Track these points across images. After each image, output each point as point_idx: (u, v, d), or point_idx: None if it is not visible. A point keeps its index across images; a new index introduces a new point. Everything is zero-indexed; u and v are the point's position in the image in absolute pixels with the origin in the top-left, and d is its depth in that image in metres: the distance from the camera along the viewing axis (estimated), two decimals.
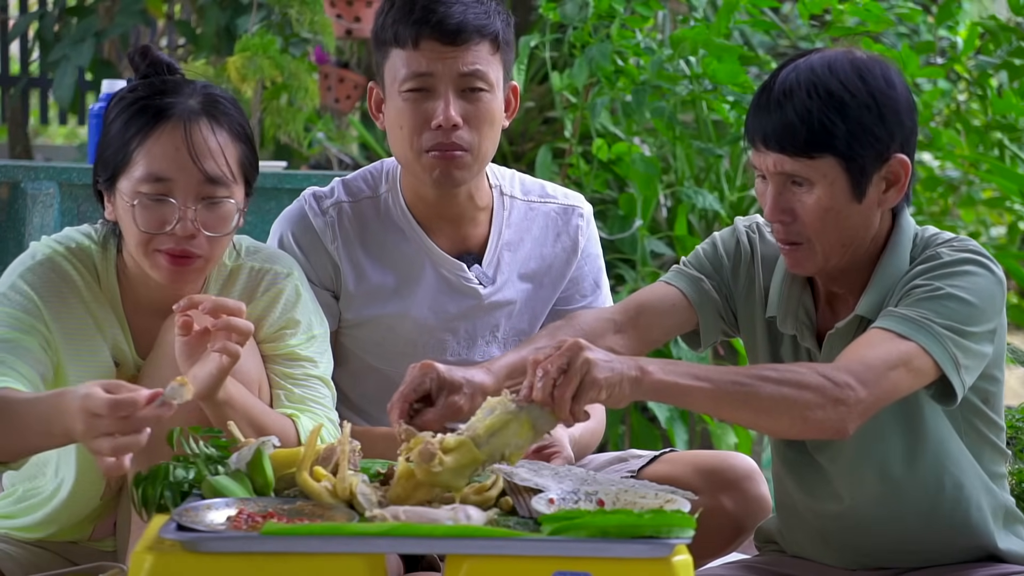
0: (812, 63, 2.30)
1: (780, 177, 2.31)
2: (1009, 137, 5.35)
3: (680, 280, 2.52)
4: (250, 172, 2.47)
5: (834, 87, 2.27)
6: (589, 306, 2.87)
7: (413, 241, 2.76)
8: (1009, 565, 2.38)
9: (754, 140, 2.32)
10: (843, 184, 2.29)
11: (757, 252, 2.50)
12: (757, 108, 2.32)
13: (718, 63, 4.32)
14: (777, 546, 2.57)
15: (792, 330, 2.42)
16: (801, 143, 2.27)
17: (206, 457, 2.14)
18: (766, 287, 2.47)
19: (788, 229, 2.33)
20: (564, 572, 1.89)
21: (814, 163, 2.28)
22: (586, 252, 2.87)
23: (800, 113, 2.26)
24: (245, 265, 2.55)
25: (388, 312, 2.75)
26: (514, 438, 2.07)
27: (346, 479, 2.07)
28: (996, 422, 2.41)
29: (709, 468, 2.60)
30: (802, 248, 2.33)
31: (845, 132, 2.26)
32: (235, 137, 2.43)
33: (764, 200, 2.35)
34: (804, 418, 2.15)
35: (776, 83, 2.30)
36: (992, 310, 2.30)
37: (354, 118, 5.60)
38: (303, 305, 2.55)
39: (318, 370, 2.54)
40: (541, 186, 2.88)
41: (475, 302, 2.76)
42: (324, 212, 2.75)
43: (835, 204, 2.29)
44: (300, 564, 1.90)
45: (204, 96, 2.43)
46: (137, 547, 1.93)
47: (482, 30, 2.64)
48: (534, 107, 5.26)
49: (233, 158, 2.42)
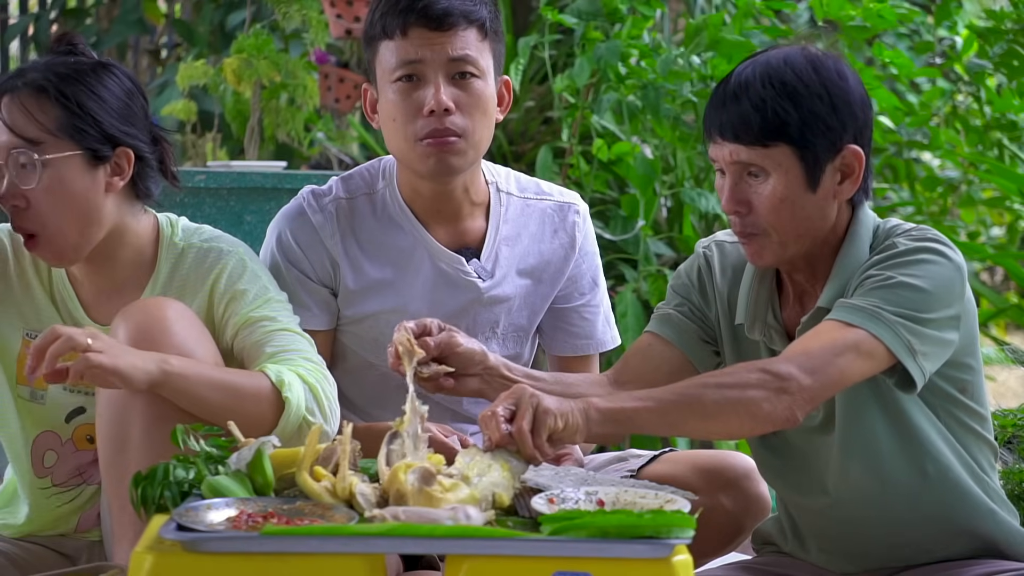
0: (768, 57, 2.38)
1: (736, 167, 2.36)
2: (1009, 137, 5.36)
3: (655, 324, 2.57)
4: (79, 133, 2.48)
5: (788, 78, 2.33)
6: (588, 304, 2.88)
7: (411, 235, 2.77)
8: (1004, 562, 2.38)
9: (711, 133, 2.38)
10: (797, 173, 2.34)
11: (715, 265, 2.54)
12: (714, 102, 2.38)
13: (727, 64, 4.32)
14: (775, 547, 2.57)
15: (759, 335, 2.45)
16: (756, 132, 2.32)
17: (206, 457, 2.14)
18: (730, 296, 2.51)
19: (745, 220, 2.37)
20: (564, 572, 1.89)
21: (768, 152, 2.33)
22: (583, 250, 2.88)
23: (755, 103, 2.32)
24: (194, 245, 2.58)
25: (386, 307, 2.75)
26: (500, 479, 2.10)
27: (346, 479, 2.07)
28: (978, 412, 2.42)
29: (708, 467, 2.61)
30: (759, 239, 2.37)
31: (798, 120, 2.32)
32: (51, 100, 2.46)
33: (723, 194, 2.40)
34: (752, 414, 2.21)
35: (732, 77, 2.37)
36: (950, 296, 2.33)
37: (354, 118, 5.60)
38: (250, 275, 2.57)
39: (278, 324, 2.54)
40: (536, 184, 2.89)
41: (474, 296, 2.77)
42: (323, 208, 2.76)
43: (790, 194, 2.34)
44: (300, 564, 1.90)
45: (31, 71, 2.50)
46: (137, 547, 1.93)
47: (469, 16, 2.66)
48: (534, 107, 5.26)
49: (51, 121, 2.46)
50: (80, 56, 2.54)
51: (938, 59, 5.52)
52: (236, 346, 2.54)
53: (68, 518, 2.62)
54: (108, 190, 2.50)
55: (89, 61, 2.53)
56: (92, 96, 2.48)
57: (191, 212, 3.84)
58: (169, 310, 2.40)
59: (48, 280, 2.59)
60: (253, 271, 2.58)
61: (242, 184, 4.08)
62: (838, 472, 2.40)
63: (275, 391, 2.39)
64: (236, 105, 5.00)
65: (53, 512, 2.61)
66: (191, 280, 2.57)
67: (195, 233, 2.61)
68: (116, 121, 2.49)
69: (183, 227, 2.62)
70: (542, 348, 2.95)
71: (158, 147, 2.58)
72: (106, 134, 2.48)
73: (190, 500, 2.05)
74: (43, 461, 2.59)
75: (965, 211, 6.36)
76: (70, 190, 2.47)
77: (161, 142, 2.59)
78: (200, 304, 2.55)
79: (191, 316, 2.44)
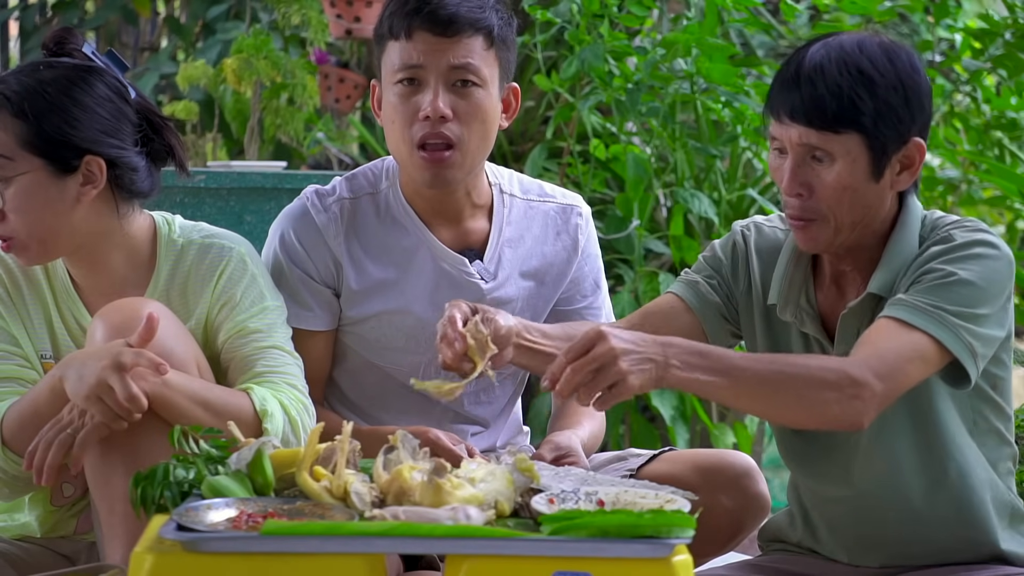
0: (842, 42, 2.34)
1: (801, 150, 2.33)
2: (1009, 136, 5.35)
3: (679, 287, 2.56)
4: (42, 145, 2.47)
5: (864, 66, 2.31)
6: (590, 306, 2.88)
7: (414, 235, 2.77)
8: (1014, 568, 2.38)
9: (779, 112, 2.35)
10: (864, 162, 2.32)
11: (751, 246, 2.53)
12: (784, 82, 2.34)
13: (710, 63, 4.33)
14: (783, 543, 2.57)
15: (791, 317, 2.45)
16: (829, 117, 2.30)
17: (206, 457, 2.14)
18: (763, 278, 2.50)
19: (804, 204, 2.35)
20: (564, 572, 1.89)
21: (839, 138, 2.31)
22: (586, 252, 2.88)
23: (831, 88, 2.29)
24: (195, 242, 2.58)
25: (389, 307, 2.75)
26: (503, 488, 2.10)
27: (342, 476, 2.07)
28: (1004, 410, 2.43)
29: (708, 466, 2.61)
30: (815, 224, 2.36)
31: (872, 110, 2.30)
32: (12, 115, 2.46)
33: (779, 175, 2.38)
34: (821, 414, 2.21)
35: (805, 59, 2.33)
36: (1002, 290, 2.33)
37: (354, 118, 5.60)
38: (249, 278, 2.57)
39: (271, 340, 2.54)
40: (539, 185, 2.88)
41: (476, 298, 2.76)
42: (327, 208, 2.75)
43: (854, 181, 2.33)
44: (300, 564, 1.91)
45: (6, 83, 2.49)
46: (137, 547, 1.93)
47: (475, 24, 2.64)
48: (534, 107, 5.26)
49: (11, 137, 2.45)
50: (65, 58, 2.53)
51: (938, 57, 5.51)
52: (225, 352, 2.54)
53: (68, 521, 2.62)
54: (80, 199, 2.49)
55: (68, 67, 2.51)
56: (57, 109, 2.47)
57: (191, 212, 3.86)
58: (146, 308, 2.39)
59: (50, 290, 2.58)
60: (252, 274, 2.58)
61: (242, 184, 4.08)
62: (864, 463, 2.40)
63: (256, 418, 2.41)
64: (236, 105, 5.00)
65: (52, 516, 2.61)
66: (193, 278, 2.57)
67: (193, 229, 2.61)
68: (86, 131, 2.48)
69: (180, 224, 2.62)
70: None
71: (156, 140, 2.56)
72: (71, 145, 2.47)
73: (190, 500, 2.05)
74: (62, 491, 2.59)
75: (965, 211, 6.35)
76: (35, 202, 2.47)
77: (164, 132, 2.58)
78: (205, 303, 2.55)
79: (169, 315, 2.44)
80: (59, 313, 2.58)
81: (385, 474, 2.08)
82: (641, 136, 4.73)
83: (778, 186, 2.40)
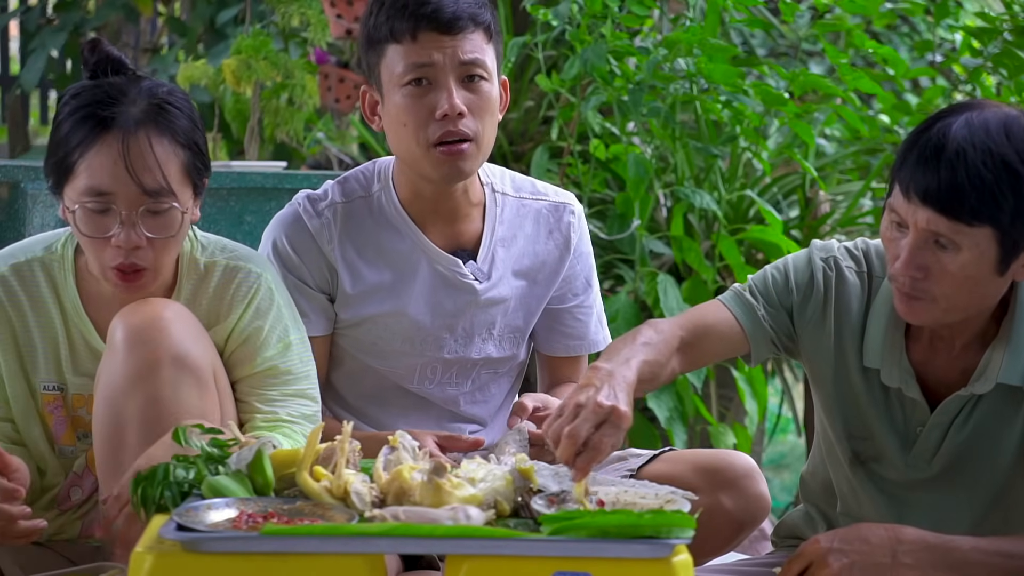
0: (987, 121, 2.20)
1: (926, 234, 2.22)
2: None
3: (738, 307, 2.46)
4: (196, 175, 2.47)
5: (1011, 158, 2.18)
6: (580, 304, 2.88)
7: (408, 238, 2.77)
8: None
9: (908, 190, 2.22)
10: (992, 256, 2.22)
11: (832, 291, 2.44)
12: (921, 161, 2.20)
13: (711, 63, 4.32)
14: (798, 540, 2.56)
15: (898, 383, 2.39)
16: (966, 210, 2.18)
17: (206, 457, 2.14)
18: (837, 327, 2.43)
19: (916, 284, 2.25)
20: (564, 572, 1.89)
21: (970, 231, 2.19)
22: (578, 250, 2.88)
23: (972, 179, 2.16)
24: (219, 263, 2.55)
25: (385, 310, 2.75)
26: (503, 488, 2.09)
27: (342, 477, 2.07)
28: None
29: (708, 467, 2.60)
30: (924, 302, 2.27)
31: (1013, 208, 2.18)
32: (179, 144, 2.42)
33: (894, 249, 2.27)
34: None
35: (948, 137, 2.19)
36: None
37: (354, 118, 5.60)
38: (276, 311, 2.55)
39: (297, 385, 2.54)
40: (532, 183, 2.89)
41: (470, 298, 2.77)
42: (319, 214, 2.75)
43: (976, 273, 2.23)
44: (300, 564, 1.91)
45: (149, 101, 2.42)
46: (137, 547, 1.93)
47: (476, 19, 2.66)
48: (534, 107, 5.26)
49: (176, 166, 2.42)
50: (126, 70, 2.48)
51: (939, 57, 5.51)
52: (246, 385, 2.52)
53: (73, 524, 2.61)
54: (194, 219, 2.49)
55: (179, 89, 2.49)
56: (202, 136, 2.46)
57: None
58: (167, 310, 2.38)
59: (59, 310, 2.53)
60: (278, 305, 2.55)
61: (242, 184, 4.08)
62: (923, 522, 2.35)
63: None
64: (236, 105, 5.00)
65: (57, 520, 2.60)
66: (216, 301, 2.52)
67: (218, 249, 2.57)
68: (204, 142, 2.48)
69: (202, 241, 2.57)
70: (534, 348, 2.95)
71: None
72: (208, 168, 2.48)
73: (190, 500, 2.05)
74: (70, 496, 2.59)
75: None
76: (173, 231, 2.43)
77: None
78: (224, 330, 2.52)
79: (189, 316, 2.42)
80: (67, 335, 2.53)
81: (385, 474, 2.08)
82: (641, 136, 4.73)
83: (886, 253, 2.30)
